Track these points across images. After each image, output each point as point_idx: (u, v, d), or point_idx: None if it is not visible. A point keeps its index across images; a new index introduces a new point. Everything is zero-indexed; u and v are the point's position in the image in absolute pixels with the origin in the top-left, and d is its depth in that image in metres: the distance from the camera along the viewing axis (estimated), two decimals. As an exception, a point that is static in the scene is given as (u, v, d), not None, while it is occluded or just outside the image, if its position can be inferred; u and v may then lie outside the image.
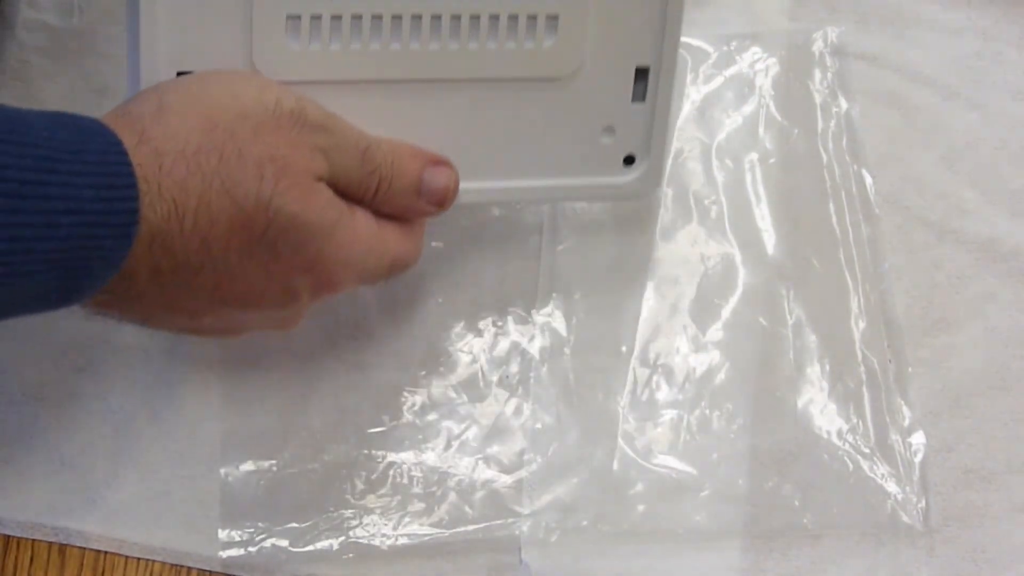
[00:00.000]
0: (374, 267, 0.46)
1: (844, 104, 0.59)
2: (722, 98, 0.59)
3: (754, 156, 0.58)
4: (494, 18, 0.46)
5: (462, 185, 0.47)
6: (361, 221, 0.45)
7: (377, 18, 0.45)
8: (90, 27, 0.59)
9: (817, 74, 0.59)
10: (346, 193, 0.44)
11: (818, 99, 0.59)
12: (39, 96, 0.58)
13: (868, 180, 0.58)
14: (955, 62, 0.60)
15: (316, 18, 0.44)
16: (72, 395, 0.54)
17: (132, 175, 0.39)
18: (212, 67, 0.44)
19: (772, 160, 0.58)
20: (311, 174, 0.42)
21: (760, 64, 0.59)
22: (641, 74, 0.49)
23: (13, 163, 0.36)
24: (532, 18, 0.47)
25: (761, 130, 0.58)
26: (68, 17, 0.59)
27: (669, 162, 0.51)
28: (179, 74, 0.44)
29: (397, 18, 0.45)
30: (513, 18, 0.46)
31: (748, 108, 0.59)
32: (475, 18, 0.46)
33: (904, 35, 0.60)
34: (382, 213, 0.46)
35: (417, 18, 0.45)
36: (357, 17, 0.45)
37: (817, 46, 0.60)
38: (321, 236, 0.43)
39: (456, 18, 0.46)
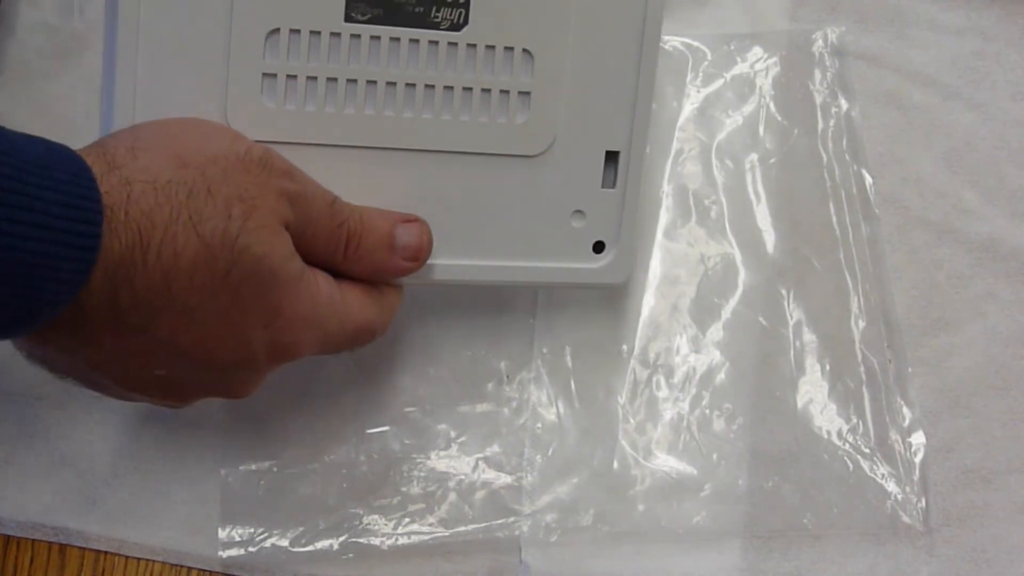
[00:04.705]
0: (336, 331, 0.45)
1: (844, 104, 0.59)
2: (722, 98, 0.59)
3: (754, 156, 0.58)
4: (467, 90, 0.46)
5: (434, 261, 0.47)
6: (323, 282, 0.44)
7: (352, 82, 0.45)
8: (90, 27, 0.59)
9: (817, 74, 0.59)
10: (314, 247, 0.44)
11: (818, 99, 0.59)
12: (39, 96, 0.58)
13: (868, 180, 0.58)
14: (955, 62, 0.60)
15: (292, 78, 0.45)
16: (72, 395, 0.54)
17: (99, 198, 0.38)
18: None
19: (772, 160, 0.58)
20: (278, 217, 0.42)
21: (760, 64, 0.59)
22: (612, 159, 0.49)
23: None
24: (504, 93, 0.47)
25: (761, 130, 0.58)
26: (68, 17, 0.59)
27: (638, 249, 0.51)
28: None
29: (372, 83, 0.46)
30: (486, 92, 0.47)
31: (748, 108, 0.59)
32: (448, 88, 0.46)
33: (904, 35, 0.60)
34: (354, 275, 0.46)
35: (392, 85, 0.46)
36: (332, 80, 0.45)
37: (817, 46, 0.60)
38: (283, 285, 0.42)
39: (430, 87, 0.46)
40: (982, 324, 0.56)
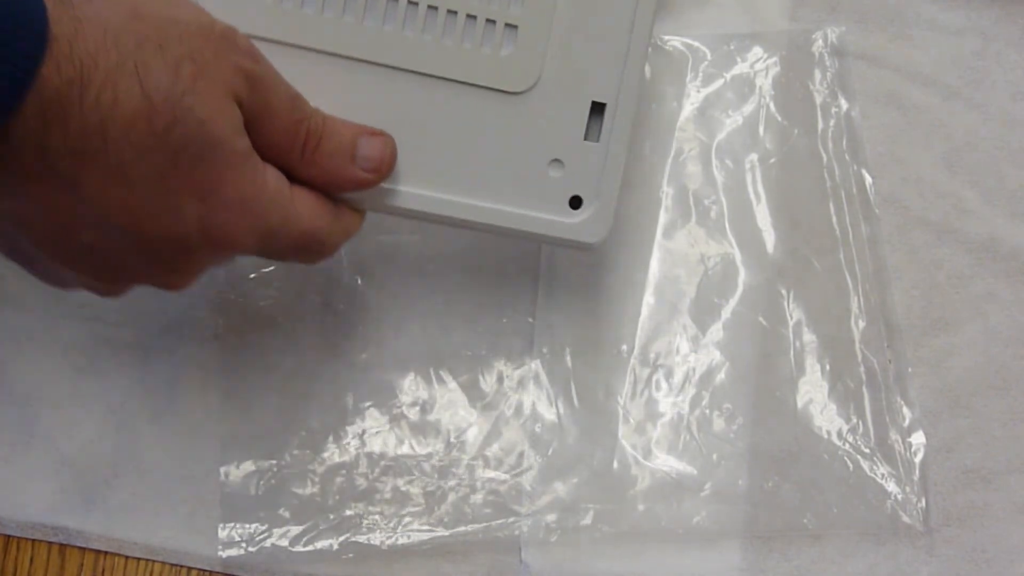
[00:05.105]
0: (279, 229, 0.42)
1: (844, 104, 0.59)
2: (722, 98, 0.59)
3: (754, 156, 0.58)
4: (452, 13, 0.45)
5: (399, 188, 0.46)
6: (272, 173, 0.42)
7: None
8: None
9: (817, 74, 0.59)
10: (269, 140, 0.42)
11: (818, 99, 0.59)
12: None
13: (868, 180, 0.58)
14: (955, 62, 0.60)
15: None
16: (72, 395, 0.54)
17: (45, 21, 0.36)
18: None
19: (772, 160, 0.58)
20: (230, 90, 0.40)
21: (760, 64, 0.59)
22: (598, 111, 0.47)
23: None
24: (491, 23, 0.46)
25: (761, 130, 0.58)
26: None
27: (615, 208, 0.48)
28: None
29: None
30: (472, 18, 0.45)
31: (748, 108, 0.59)
32: (433, 8, 0.45)
33: (904, 35, 0.60)
34: (309, 179, 0.43)
35: None
36: None
37: (817, 46, 0.60)
38: (225, 159, 0.40)
39: (414, 4, 0.45)
40: (982, 324, 0.56)
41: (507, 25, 0.46)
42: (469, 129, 0.46)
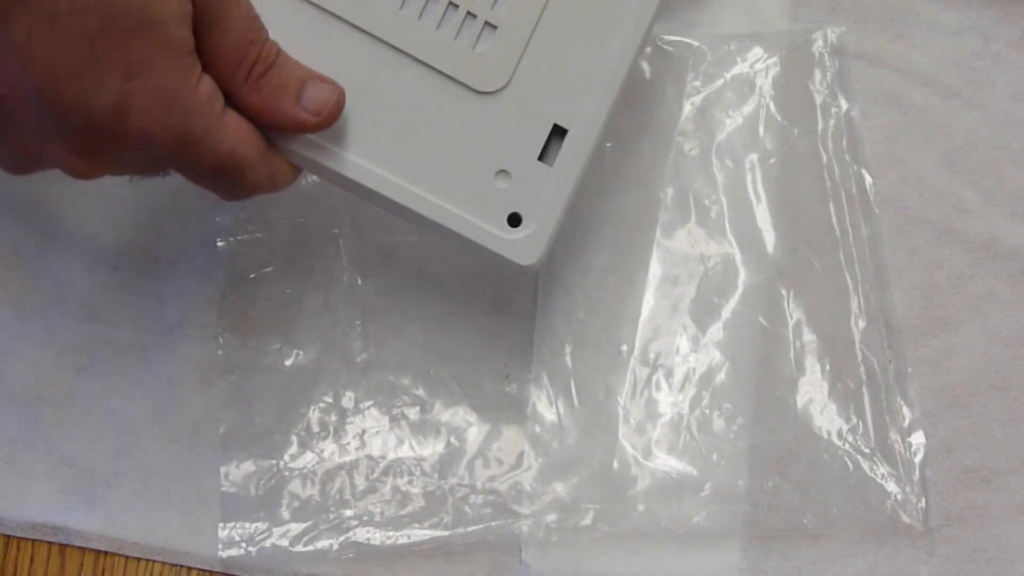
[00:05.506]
0: (199, 139, 0.41)
1: (844, 104, 0.59)
2: (722, 98, 0.59)
3: (754, 156, 0.58)
4: None
5: (341, 152, 0.45)
6: (208, 81, 0.40)
7: None
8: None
9: (817, 74, 0.59)
10: (215, 54, 0.41)
11: (818, 99, 0.59)
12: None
13: (868, 180, 0.58)
14: (955, 62, 0.60)
15: None
16: (72, 395, 0.54)
17: None
18: None
19: (772, 160, 0.58)
20: None
21: (760, 64, 0.59)
22: (558, 135, 0.46)
23: None
24: (472, 16, 0.45)
25: (761, 130, 0.58)
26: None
27: (552, 236, 0.46)
28: None
29: None
30: (454, 6, 0.45)
31: (748, 108, 0.59)
32: None
33: (904, 35, 0.60)
34: (247, 108, 0.42)
35: None
36: None
37: (817, 46, 0.60)
38: (159, 43, 0.39)
39: None
40: (982, 324, 0.56)
41: (488, 24, 0.45)
42: (425, 115, 0.46)
